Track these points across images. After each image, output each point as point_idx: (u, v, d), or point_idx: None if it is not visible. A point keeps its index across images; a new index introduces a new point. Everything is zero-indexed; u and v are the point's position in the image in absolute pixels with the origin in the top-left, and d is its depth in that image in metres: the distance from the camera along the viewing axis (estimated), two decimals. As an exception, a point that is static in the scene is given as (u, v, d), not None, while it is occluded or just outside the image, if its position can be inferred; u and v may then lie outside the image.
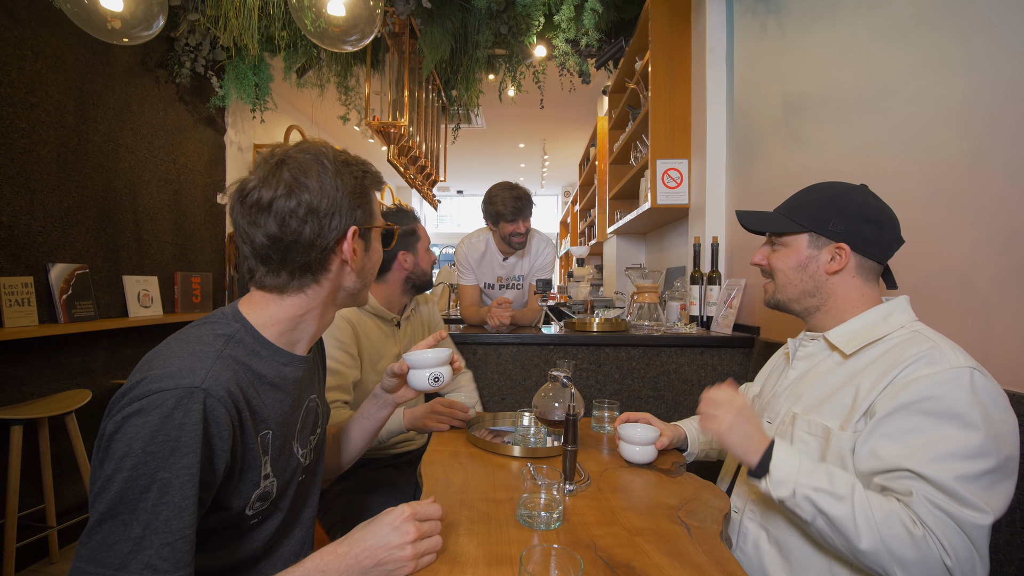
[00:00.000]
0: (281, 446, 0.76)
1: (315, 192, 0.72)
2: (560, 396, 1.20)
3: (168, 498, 0.58)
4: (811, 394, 0.94)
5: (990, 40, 0.99)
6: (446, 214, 11.53)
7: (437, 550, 0.72)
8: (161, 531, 0.58)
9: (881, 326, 0.90)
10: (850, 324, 0.93)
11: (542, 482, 0.84)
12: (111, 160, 2.64)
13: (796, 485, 0.79)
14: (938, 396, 0.76)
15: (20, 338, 2.03)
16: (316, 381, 0.89)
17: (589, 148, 5.28)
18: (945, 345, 0.81)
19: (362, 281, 0.83)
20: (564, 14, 2.38)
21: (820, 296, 0.96)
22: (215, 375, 0.64)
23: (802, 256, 0.97)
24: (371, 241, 0.83)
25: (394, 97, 2.86)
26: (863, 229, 0.92)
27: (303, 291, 0.76)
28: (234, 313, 0.75)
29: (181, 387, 0.61)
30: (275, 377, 0.75)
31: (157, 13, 1.90)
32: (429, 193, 4.01)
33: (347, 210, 0.75)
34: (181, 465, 0.59)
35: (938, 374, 0.77)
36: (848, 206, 0.93)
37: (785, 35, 1.77)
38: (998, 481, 0.73)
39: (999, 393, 0.77)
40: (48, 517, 2.16)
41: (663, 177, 2.43)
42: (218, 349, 0.68)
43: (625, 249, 3.91)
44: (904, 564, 0.71)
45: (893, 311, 0.91)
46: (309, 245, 0.73)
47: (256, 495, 0.72)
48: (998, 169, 0.96)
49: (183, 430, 0.60)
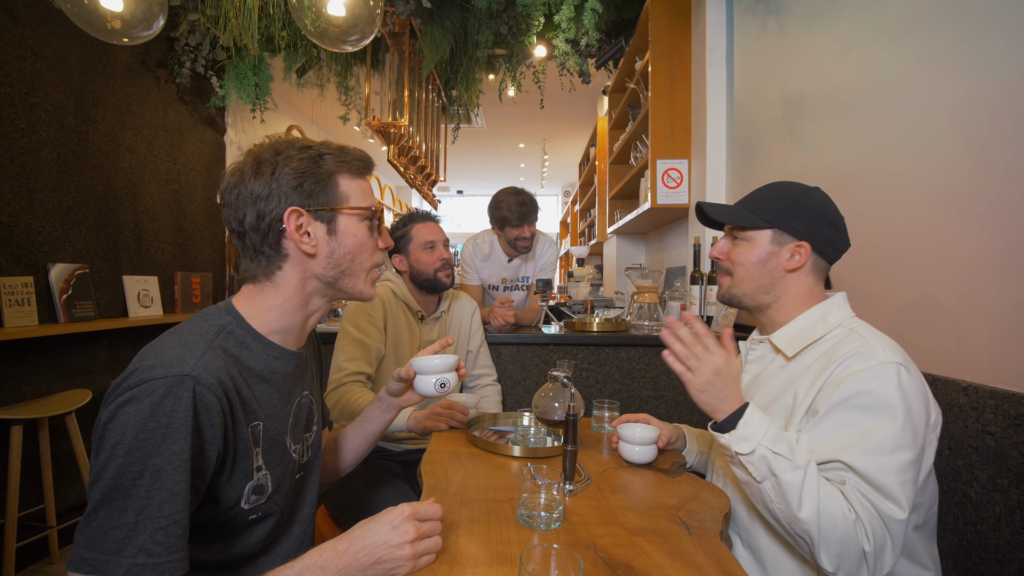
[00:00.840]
0: (273, 439, 0.77)
1: (251, 179, 0.75)
2: (560, 396, 1.20)
3: (160, 484, 0.60)
4: (760, 397, 0.99)
5: (990, 39, 0.98)
6: (446, 214, 11.54)
7: (436, 551, 0.71)
8: (154, 516, 0.59)
9: (820, 326, 0.94)
10: (792, 325, 0.97)
11: (542, 482, 0.84)
12: (111, 160, 2.64)
13: (758, 445, 0.82)
14: (868, 391, 0.81)
15: (20, 338, 2.03)
16: (309, 379, 0.89)
17: (589, 148, 5.28)
18: (876, 342, 0.85)
19: (335, 267, 0.79)
20: (564, 14, 2.38)
21: (774, 293, 0.99)
22: (205, 364, 0.66)
23: (763, 252, 0.98)
24: (336, 223, 0.78)
25: (394, 97, 2.86)
26: (823, 229, 0.95)
27: (271, 278, 0.78)
28: (227, 307, 0.77)
29: (171, 375, 0.63)
30: (264, 370, 0.77)
31: (157, 13, 1.90)
32: (429, 193, 4.01)
33: (285, 191, 0.75)
34: (172, 451, 0.61)
35: (868, 370, 0.82)
36: (811, 206, 0.96)
37: (785, 35, 1.77)
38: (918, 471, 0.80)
39: (922, 387, 0.83)
40: (48, 517, 2.15)
41: (663, 177, 2.43)
42: (208, 339, 0.70)
43: (625, 249, 3.91)
44: (827, 541, 0.77)
45: (831, 309, 0.95)
46: (252, 229, 0.75)
47: (250, 487, 0.73)
48: (999, 169, 0.96)
49: (173, 417, 0.61)
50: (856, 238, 1.33)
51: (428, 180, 3.70)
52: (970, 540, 0.96)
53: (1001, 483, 0.90)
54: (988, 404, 0.93)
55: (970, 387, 0.97)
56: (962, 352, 1.03)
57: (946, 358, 1.06)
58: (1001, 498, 0.90)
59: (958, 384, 0.99)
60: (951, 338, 1.05)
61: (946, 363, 1.05)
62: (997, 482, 0.91)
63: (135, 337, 2.75)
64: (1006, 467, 0.90)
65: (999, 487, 0.91)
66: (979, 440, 0.94)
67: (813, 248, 0.95)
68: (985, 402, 0.93)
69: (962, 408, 0.98)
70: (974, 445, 0.95)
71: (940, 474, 1.03)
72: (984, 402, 0.94)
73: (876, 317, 1.25)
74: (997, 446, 0.91)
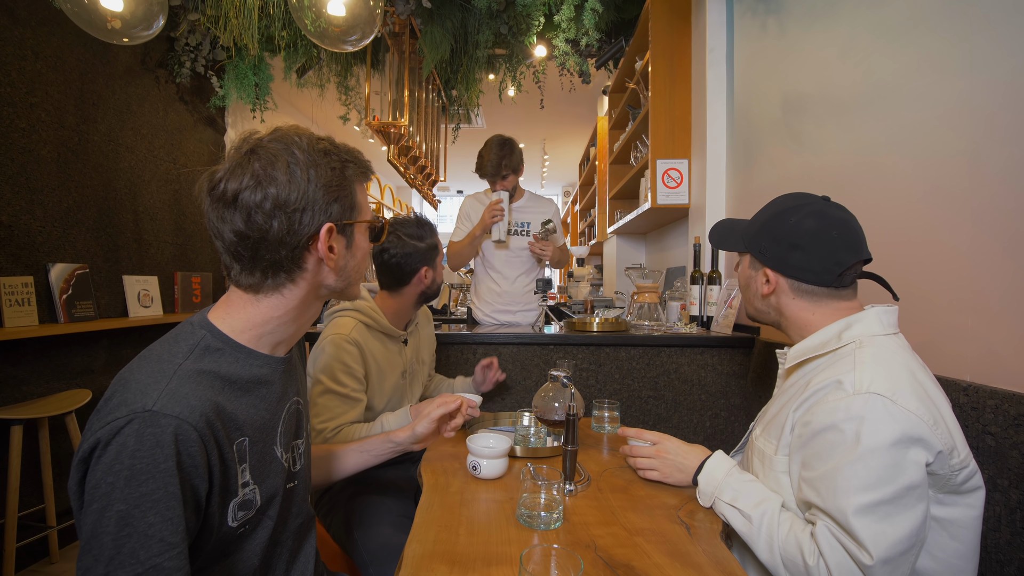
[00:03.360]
0: (261, 452, 0.73)
1: (283, 184, 0.66)
2: (560, 396, 1.20)
3: (130, 529, 0.56)
4: (769, 412, 0.96)
5: (990, 40, 0.98)
6: (446, 214, 11.53)
7: None
8: (126, 564, 0.55)
9: (831, 343, 0.85)
10: (807, 341, 0.90)
11: (542, 482, 0.84)
12: (111, 160, 2.64)
13: (714, 499, 0.89)
14: (838, 426, 0.74)
15: (20, 338, 2.03)
16: (298, 383, 0.85)
17: (589, 148, 5.28)
18: (866, 368, 0.77)
19: (345, 280, 0.78)
20: (564, 14, 2.38)
21: (773, 315, 0.95)
22: (171, 392, 0.61)
23: (746, 275, 0.98)
24: (353, 237, 0.77)
25: (394, 97, 2.86)
26: (789, 256, 0.88)
27: (279, 291, 0.71)
28: (200, 321, 0.70)
29: (133, 412, 0.58)
30: (249, 381, 0.71)
31: (157, 13, 1.90)
32: (429, 193, 4.01)
33: (321, 204, 0.69)
34: (139, 494, 0.56)
35: (842, 400, 0.75)
36: (778, 230, 0.89)
37: (785, 35, 1.77)
38: (897, 512, 0.70)
39: (905, 420, 0.72)
40: (48, 517, 2.15)
41: (663, 177, 2.43)
42: (177, 363, 0.64)
43: (625, 249, 3.90)
44: None
45: (852, 325, 0.85)
46: (278, 242, 0.67)
47: (235, 503, 0.69)
48: (998, 169, 0.96)
49: (136, 457, 0.57)
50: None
51: (428, 180, 3.70)
52: (970, 540, 0.96)
53: (1001, 483, 0.90)
54: (988, 404, 0.93)
55: (970, 387, 0.97)
56: (962, 352, 1.03)
57: (946, 358, 1.06)
58: (1001, 498, 0.90)
59: (958, 384, 0.99)
60: (951, 338, 1.05)
61: (946, 363, 1.05)
62: (997, 482, 0.91)
63: (135, 337, 2.75)
64: (1006, 467, 0.90)
65: (999, 487, 0.91)
66: (979, 440, 0.94)
67: (783, 274, 0.89)
68: (985, 402, 0.93)
69: (962, 408, 0.98)
70: (974, 445, 0.95)
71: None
72: (984, 402, 0.94)
73: (876, 317, 1.25)
74: (997, 446, 0.91)
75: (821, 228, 0.86)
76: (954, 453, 0.73)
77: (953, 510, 0.77)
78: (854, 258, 0.86)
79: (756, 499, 0.84)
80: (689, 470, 0.97)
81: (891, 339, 0.83)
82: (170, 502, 0.58)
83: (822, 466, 0.75)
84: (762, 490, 0.86)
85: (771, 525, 0.80)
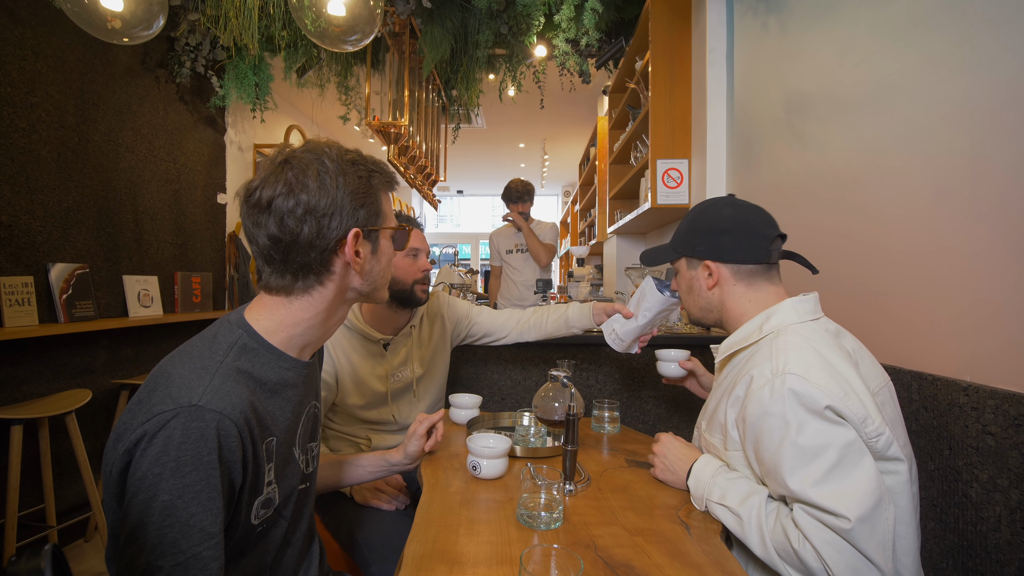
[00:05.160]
0: (285, 453, 0.76)
1: (313, 191, 0.71)
2: (560, 396, 1.20)
3: (172, 519, 0.58)
4: (710, 407, 1.02)
5: (991, 40, 0.98)
6: (446, 214, 11.53)
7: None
8: (168, 554, 0.58)
9: (754, 335, 0.94)
10: (734, 335, 0.98)
11: (542, 482, 0.84)
12: (111, 160, 2.64)
13: (704, 500, 0.90)
14: (768, 411, 0.81)
15: (20, 338, 2.03)
16: (316, 387, 0.89)
17: (589, 148, 5.27)
18: (780, 354, 0.84)
19: (371, 283, 0.81)
20: (564, 14, 2.38)
21: (716, 311, 1.03)
22: (215, 389, 0.64)
23: (686, 279, 1.06)
24: (379, 242, 0.81)
25: (394, 97, 2.86)
26: (720, 241, 0.97)
27: (308, 293, 0.75)
28: (238, 320, 0.74)
29: (179, 406, 0.61)
30: (278, 383, 0.75)
31: (157, 13, 1.90)
32: (429, 193, 4.01)
33: (349, 210, 0.73)
34: (183, 484, 0.59)
35: (765, 386, 0.82)
36: (703, 224, 1.00)
37: (786, 35, 1.77)
38: (848, 470, 0.75)
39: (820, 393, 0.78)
40: (48, 517, 2.15)
41: (663, 177, 2.43)
42: (219, 360, 0.67)
43: (625, 249, 3.90)
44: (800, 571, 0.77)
45: (771, 316, 0.93)
46: (308, 245, 0.71)
47: (259, 502, 0.72)
48: (1000, 168, 0.96)
49: (182, 449, 0.59)
50: (857, 236, 1.33)
51: (428, 180, 3.70)
52: (970, 540, 0.96)
53: (1001, 483, 0.90)
54: (988, 404, 0.93)
55: (970, 387, 0.97)
56: (962, 352, 1.03)
57: (946, 358, 1.06)
58: (1001, 498, 0.90)
59: (958, 384, 0.99)
60: (951, 338, 1.05)
61: (946, 363, 1.05)
62: (997, 482, 0.91)
63: (135, 337, 2.75)
64: (1006, 467, 0.89)
65: (999, 487, 0.91)
66: (979, 440, 0.94)
67: (720, 261, 0.98)
68: (985, 402, 0.93)
69: (962, 408, 0.98)
70: (974, 445, 0.95)
71: (940, 474, 1.03)
72: (984, 402, 0.94)
73: (876, 316, 1.25)
74: (997, 446, 0.91)
75: (738, 212, 0.98)
76: (867, 421, 0.79)
77: (887, 478, 0.82)
78: (775, 231, 0.96)
79: (742, 495, 0.85)
80: (680, 474, 0.99)
81: (806, 326, 0.90)
82: (211, 493, 0.61)
83: (768, 456, 0.81)
84: (747, 485, 0.87)
85: (760, 518, 0.81)
